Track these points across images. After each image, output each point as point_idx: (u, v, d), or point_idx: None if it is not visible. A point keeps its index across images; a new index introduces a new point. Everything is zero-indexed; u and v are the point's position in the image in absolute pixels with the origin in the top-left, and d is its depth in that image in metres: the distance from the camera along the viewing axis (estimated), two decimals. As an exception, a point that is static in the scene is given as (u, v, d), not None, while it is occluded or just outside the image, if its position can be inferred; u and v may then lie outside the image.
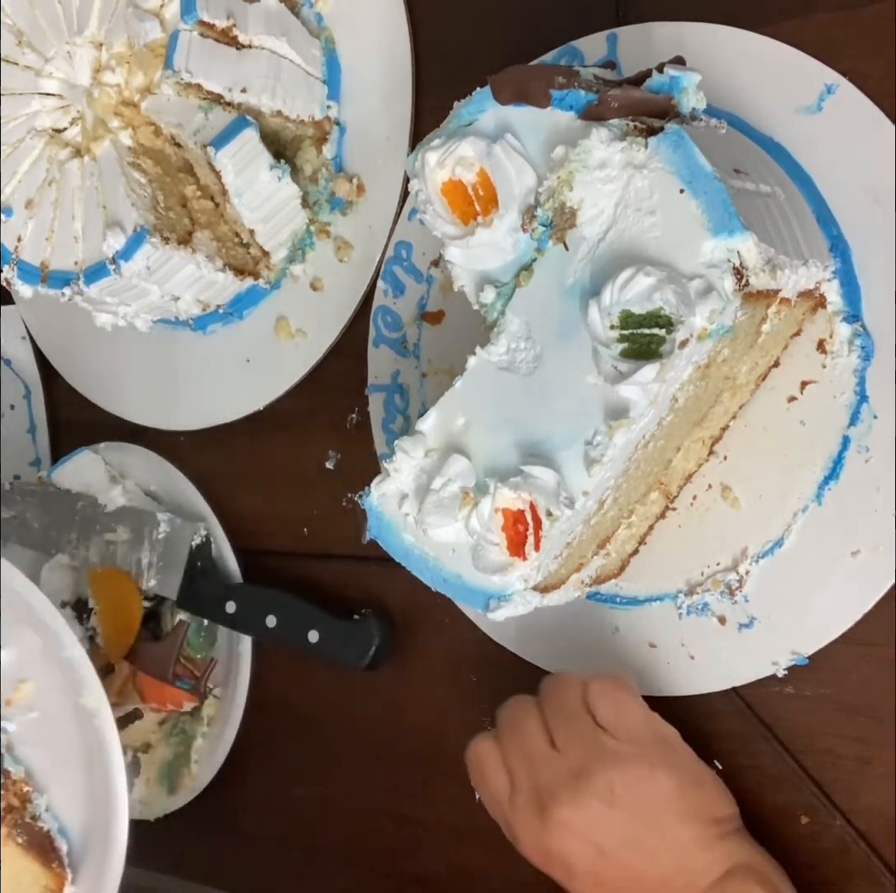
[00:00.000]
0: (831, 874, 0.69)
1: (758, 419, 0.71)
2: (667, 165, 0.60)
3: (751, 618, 0.71)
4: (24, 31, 0.87)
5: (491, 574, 0.63)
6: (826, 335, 0.69)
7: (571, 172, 0.62)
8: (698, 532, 0.73)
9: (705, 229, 0.58)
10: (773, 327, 0.65)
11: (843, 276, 0.68)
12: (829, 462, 0.69)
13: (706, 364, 0.62)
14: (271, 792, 0.95)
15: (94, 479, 0.99)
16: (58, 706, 0.79)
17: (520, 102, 0.65)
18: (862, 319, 0.68)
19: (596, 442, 0.61)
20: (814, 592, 0.69)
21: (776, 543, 0.70)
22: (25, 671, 0.80)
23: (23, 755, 0.80)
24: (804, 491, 0.69)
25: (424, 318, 0.84)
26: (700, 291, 0.58)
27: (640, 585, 0.74)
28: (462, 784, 0.80)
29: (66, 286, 0.85)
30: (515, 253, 0.65)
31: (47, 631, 0.79)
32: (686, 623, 0.73)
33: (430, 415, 0.66)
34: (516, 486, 0.62)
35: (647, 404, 0.60)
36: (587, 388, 0.61)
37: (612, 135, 0.62)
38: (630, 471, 0.64)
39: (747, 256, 0.58)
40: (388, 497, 0.67)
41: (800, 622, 0.69)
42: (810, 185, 0.69)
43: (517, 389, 0.64)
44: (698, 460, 0.72)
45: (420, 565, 0.66)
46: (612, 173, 0.61)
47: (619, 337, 0.60)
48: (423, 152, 0.65)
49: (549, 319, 0.64)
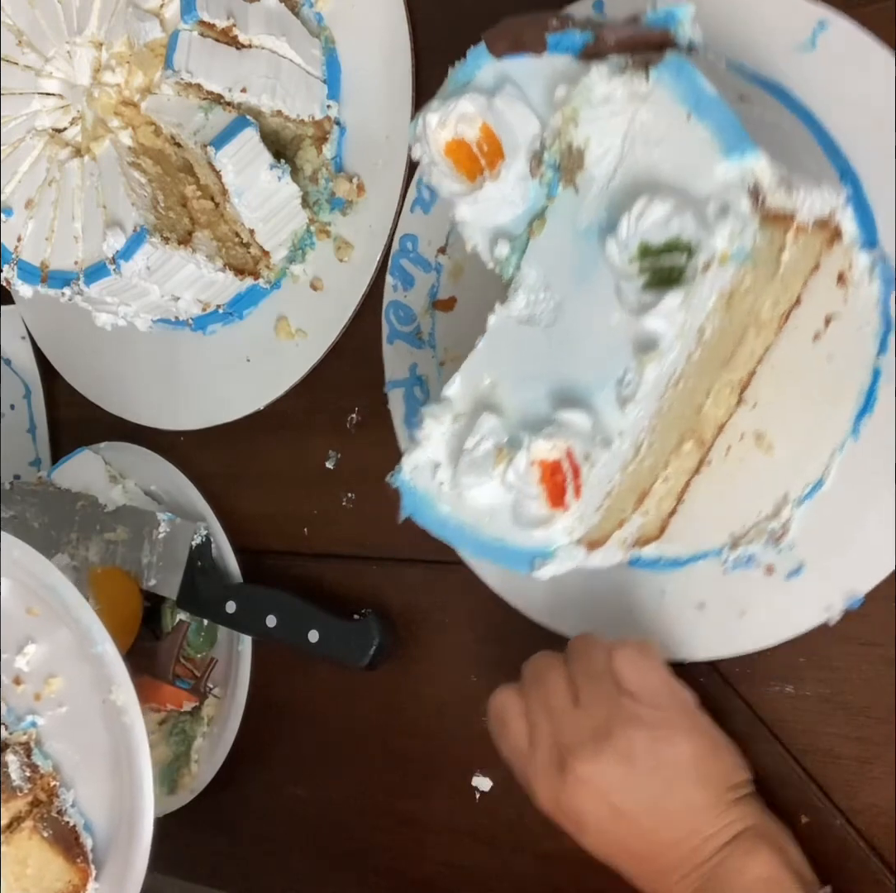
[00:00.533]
0: (831, 874, 0.69)
1: (784, 362, 0.69)
2: (671, 94, 0.59)
3: (799, 564, 0.69)
4: (24, 31, 0.87)
5: (533, 529, 0.62)
6: (845, 267, 0.67)
7: (575, 109, 0.62)
8: (736, 484, 0.71)
9: (716, 152, 0.57)
10: (791, 258, 0.63)
11: (856, 204, 0.66)
12: (862, 395, 0.67)
13: (730, 294, 0.61)
14: (271, 792, 0.95)
15: (94, 479, 0.99)
16: (86, 701, 0.79)
17: (516, 53, 0.64)
18: (879, 245, 0.67)
19: (627, 380, 0.60)
20: (860, 528, 0.67)
21: (816, 484, 0.69)
22: (55, 666, 0.80)
23: (51, 749, 0.80)
24: (839, 428, 0.68)
25: (436, 306, 0.83)
26: (717, 213, 0.57)
27: (682, 545, 0.72)
28: (462, 783, 0.80)
29: (66, 286, 0.85)
30: (526, 204, 0.64)
31: (78, 626, 0.79)
32: (733, 578, 0.71)
33: (455, 380, 0.65)
34: (550, 435, 0.61)
35: (674, 335, 0.59)
36: (612, 329, 0.60)
37: (612, 70, 0.61)
38: (663, 412, 0.63)
39: (761, 176, 0.57)
40: (420, 469, 0.65)
41: (850, 562, 0.67)
42: (813, 120, 0.68)
43: (541, 341, 0.63)
44: (728, 407, 0.70)
45: (458, 534, 0.65)
46: (616, 108, 0.61)
47: (639, 269, 0.59)
48: (423, 115, 0.64)
49: (566, 266, 0.63)
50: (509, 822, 0.81)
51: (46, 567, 0.80)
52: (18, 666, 0.81)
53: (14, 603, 0.81)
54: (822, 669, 0.70)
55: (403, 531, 0.86)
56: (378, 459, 0.87)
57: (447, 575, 0.84)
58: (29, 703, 0.81)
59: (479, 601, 0.83)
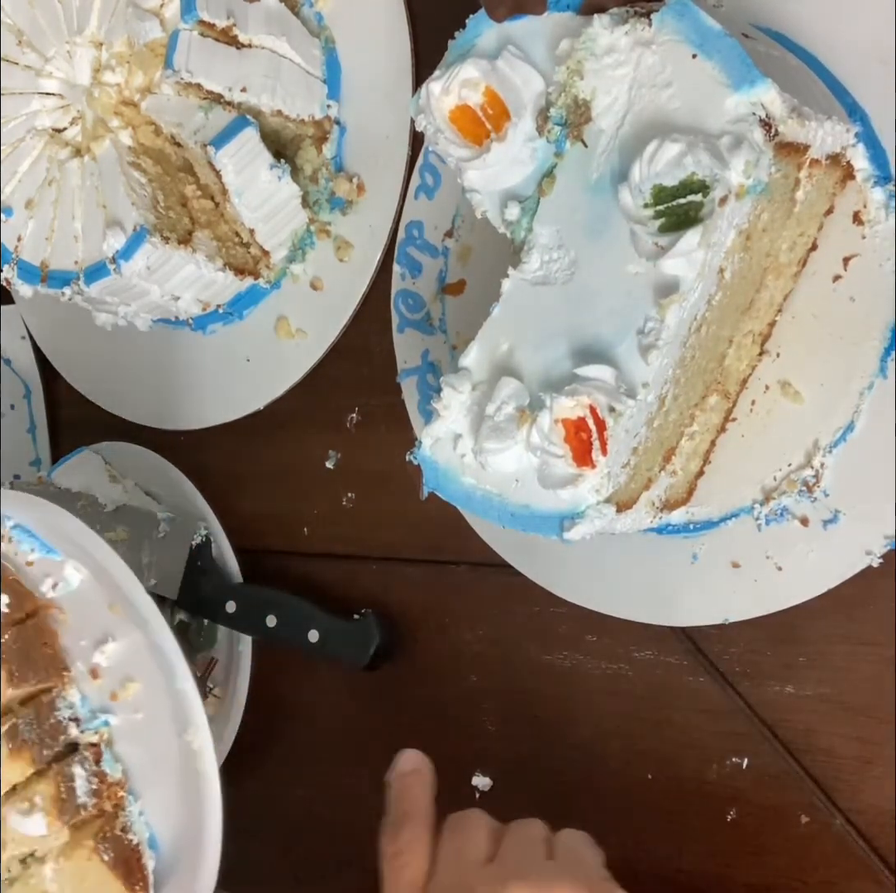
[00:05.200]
0: (831, 874, 0.69)
1: (805, 308, 0.69)
2: (675, 35, 0.59)
3: (834, 512, 0.68)
4: (24, 30, 0.87)
5: (560, 489, 0.61)
6: (860, 206, 0.67)
7: (580, 61, 0.61)
8: (764, 437, 0.70)
9: (725, 87, 0.57)
10: (806, 196, 0.63)
11: (867, 139, 0.66)
12: (888, 332, 0.67)
13: (748, 233, 0.60)
14: (271, 792, 0.95)
15: (94, 479, 0.98)
16: (159, 708, 0.77)
17: (516, 15, 0.64)
18: (893, 180, 0.66)
19: (648, 328, 0.59)
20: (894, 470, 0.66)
21: (847, 428, 0.68)
22: (133, 669, 0.78)
23: (122, 752, 0.78)
24: (867, 368, 0.67)
25: (446, 291, 0.83)
26: (731, 146, 0.57)
27: (713, 506, 0.71)
28: (462, 783, 0.80)
29: (66, 286, 0.85)
30: (534, 163, 0.64)
31: (146, 626, 0.77)
32: (767, 534, 0.70)
33: (472, 349, 0.64)
34: (573, 392, 0.60)
35: (694, 276, 0.58)
36: (629, 278, 0.60)
37: (614, 20, 0.61)
38: (686, 361, 0.62)
39: (772, 107, 0.57)
40: (441, 442, 0.65)
41: (887, 502, 0.66)
42: (816, 62, 0.68)
43: (557, 299, 0.62)
44: (751, 359, 0.69)
45: (484, 505, 0.64)
46: (620, 58, 0.61)
47: (654, 214, 0.59)
48: (425, 85, 0.64)
49: (578, 221, 0.62)
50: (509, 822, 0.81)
51: (135, 586, 0.78)
52: (97, 660, 0.79)
53: (96, 595, 0.79)
54: (822, 669, 0.70)
55: (403, 531, 0.87)
56: (378, 459, 0.87)
57: (447, 575, 0.84)
58: (104, 700, 0.78)
59: (479, 601, 0.83)
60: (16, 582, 0.80)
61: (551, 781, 0.80)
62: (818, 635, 0.70)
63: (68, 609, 0.80)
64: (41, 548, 0.80)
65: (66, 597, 0.80)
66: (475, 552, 0.82)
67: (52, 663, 0.79)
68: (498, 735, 0.82)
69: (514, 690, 0.81)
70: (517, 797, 0.81)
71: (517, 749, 0.82)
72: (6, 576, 0.79)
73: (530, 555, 0.78)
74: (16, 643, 0.77)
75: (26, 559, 0.80)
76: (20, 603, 0.79)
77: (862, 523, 0.67)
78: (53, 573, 0.80)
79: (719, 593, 0.71)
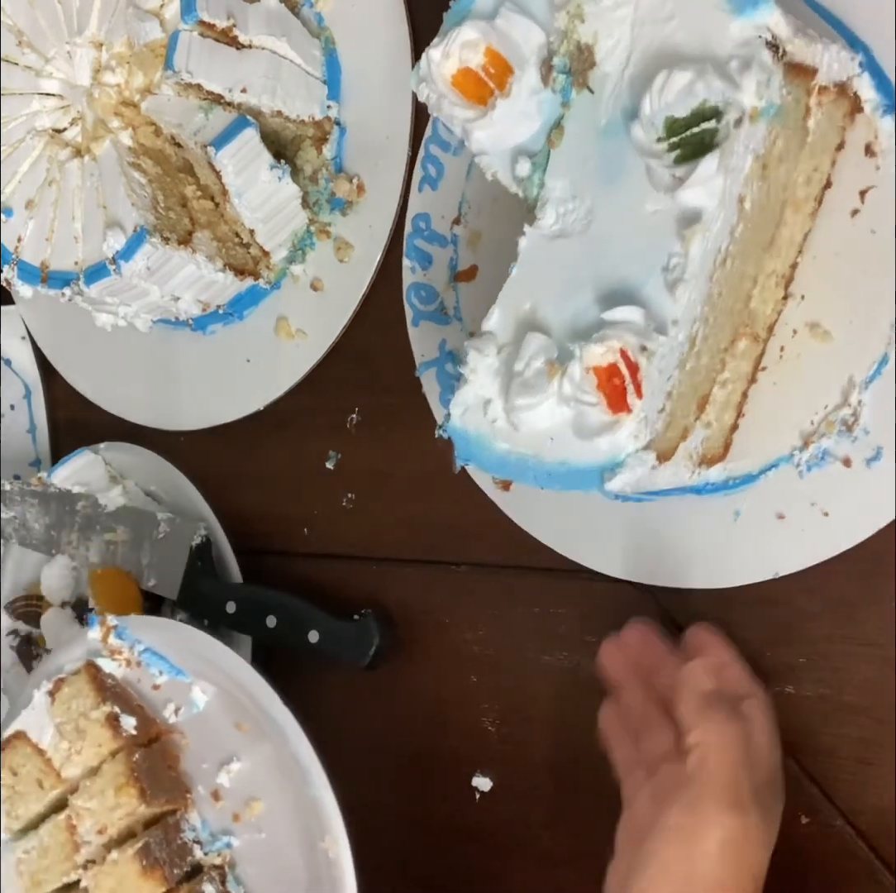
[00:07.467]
0: (831, 874, 0.69)
1: (826, 246, 0.68)
2: None
3: (876, 449, 0.66)
4: (24, 31, 0.87)
5: (598, 437, 0.60)
6: (871, 137, 0.67)
7: (579, 5, 0.61)
8: (797, 382, 0.69)
9: (728, 13, 0.58)
10: (818, 125, 0.63)
11: (871, 70, 0.66)
12: None
13: (764, 160, 0.60)
14: (271, 792, 0.95)
15: (94, 479, 0.98)
16: (287, 832, 0.76)
17: None
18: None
19: (673, 264, 0.59)
20: None
21: (881, 361, 0.67)
22: (258, 788, 0.78)
23: (244, 874, 0.78)
24: (894, 298, 0.66)
25: (458, 278, 0.83)
26: (740, 68, 0.57)
27: (751, 459, 0.70)
28: (462, 783, 0.80)
29: (66, 286, 0.85)
30: (541, 117, 0.64)
31: (281, 736, 0.77)
32: (810, 481, 0.68)
33: (493, 312, 0.64)
34: (602, 338, 0.59)
35: (716, 204, 0.58)
36: (649, 217, 0.60)
37: None
38: (714, 298, 0.62)
39: (777, 28, 0.57)
40: (471, 410, 0.64)
41: None
42: (814, 4, 0.68)
43: (577, 250, 0.62)
44: (776, 303, 0.69)
45: (520, 469, 0.63)
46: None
47: (669, 146, 0.58)
48: (425, 53, 0.64)
49: (591, 169, 0.62)
50: (509, 822, 0.81)
51: (271, 696, 0.78)
52: (220, 781, 0.79)
53: (223, 716, 0.80)
54: (822, 669, 0.70)
55: (403, 532, 0.87)
56: (378, 459, 0.87)
57: (447, 575, 0.84)
58: (226, 822, 0.79)
59: (479, 600, 0.83)
60: (139, 708, 0.81)
61: (551, 781, 0.80)
62: (818, 635, 0.70)
63: (190, 733, 0.81)
64: (170, 670, 0.81)
65: (189, 721, 0.81)
66: (475, 552, 0.82)
67: (176, 785, 0.80)
68: (498, 735, 0.82)
69: (514, 690, 0.81)
70: (517, 797, 0.81)
71: (517, 749, 0.82)
72: (131, 702, 0.80)
73: (569, 534, 0.76)
74: (145, 763, 0.78)
75: (153, 683, 0.81)
76: (146, 728, 0.80)
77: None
78: (177, 697, 0.81)
79: (766, 547, 0.70)
